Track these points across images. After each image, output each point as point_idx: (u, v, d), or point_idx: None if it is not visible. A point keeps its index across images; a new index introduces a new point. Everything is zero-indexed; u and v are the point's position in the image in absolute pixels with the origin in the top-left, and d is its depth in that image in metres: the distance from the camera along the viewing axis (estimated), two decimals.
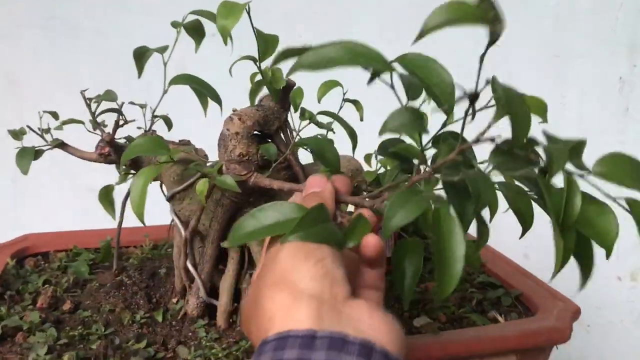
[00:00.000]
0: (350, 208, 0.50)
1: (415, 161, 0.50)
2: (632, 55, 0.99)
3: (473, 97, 0.36)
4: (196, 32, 0.64)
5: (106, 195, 0.71)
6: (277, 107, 0.62)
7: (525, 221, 0.52)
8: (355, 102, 0.67)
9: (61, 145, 0.65)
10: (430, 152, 0.48)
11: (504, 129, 0.37)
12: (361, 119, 0.67)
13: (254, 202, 0.61)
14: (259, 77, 0.62)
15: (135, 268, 0.70)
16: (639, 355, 1.11)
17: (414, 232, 0.80)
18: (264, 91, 0.64)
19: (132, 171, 0.70)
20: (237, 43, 0.55)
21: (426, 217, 0.42)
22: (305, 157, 0.64)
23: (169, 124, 0.69)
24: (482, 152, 0.43)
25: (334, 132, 0.66)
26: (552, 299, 0.70)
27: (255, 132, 0.60)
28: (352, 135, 0.63)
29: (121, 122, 0.62)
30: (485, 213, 0.44)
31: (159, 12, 1.37)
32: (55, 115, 0.65)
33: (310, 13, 1.31)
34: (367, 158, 0.68)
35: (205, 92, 0.64)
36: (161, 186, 0.68)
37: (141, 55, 0.63)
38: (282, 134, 0.63)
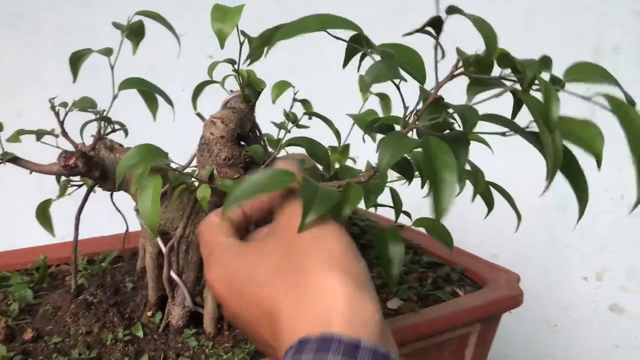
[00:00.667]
0: None
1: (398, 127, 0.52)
2: (597, 57, 1.01)
3: (437, 21, 0.40)
4: (135, 34, 0.61)
5: (43, 212, 0.66)
6: (247, 109, 0.62)
7: (489, 202, 0.58)
8: (303, 102, 0.68)
9: (13, 159, 0.58)
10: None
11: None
12: (309, 118, 0.67)
13: None
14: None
15: (97, 285, 0.66)
16: (604, 353, 1.13)
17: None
18: (221, 93, 0.63)
19: (77, 183, 0.66)
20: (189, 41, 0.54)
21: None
22: None
23: (125, 130, 0.64)
24: None
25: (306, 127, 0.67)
26: (494, 271, 0.76)
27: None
28: (337, 134, 0.67)
29: (104, 131, 0.58)
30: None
31: (123, 8, 1.35)
32: None
33: (280, 12, 1.30)
34: (345, 149, 0.71)
35: (155, 96, 0.61)
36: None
37: (77, 59, 0.60)
38: (253, 135, 0.63)
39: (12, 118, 1.44)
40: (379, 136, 0.54)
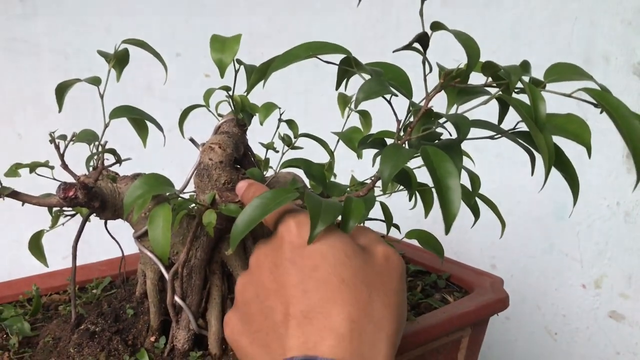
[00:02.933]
0: None
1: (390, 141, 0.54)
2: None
3: (424, 37, 0.44)
4: (120, 62, 0.61)
5: (36, 243, 0.66)
6: (240, 132, 0.64)
7: (475, 212, 0.60)
8: (289, 122, 0.70)
9: (12, 194, 0.57)
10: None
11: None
12: (295, 137, 0.70)
13: None
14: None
15: (97, 314, 0.66)
16: None
17: None
18: (209, 118, 0.65)
19: (70, 212, 0.66)
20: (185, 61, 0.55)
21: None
22: None
23: (118, 158, 0.65)
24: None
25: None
26: (479, 276, 0.80)
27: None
28: (331, 154, 0.69)
29: (107, 163, 0.59)
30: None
31: (118, 30, 1.37)
32: None
33: (273, 32, 1.32)
34: (330, 165, 0.72)
35: (145, 123, 0.62)
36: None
37: (62, 90, 0.59)
38: (246, 157, 0.65)
39: (13, 140, 1.45)
40: (370, 152, 0.56)
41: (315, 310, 0.40)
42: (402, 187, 0.62)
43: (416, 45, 0.46)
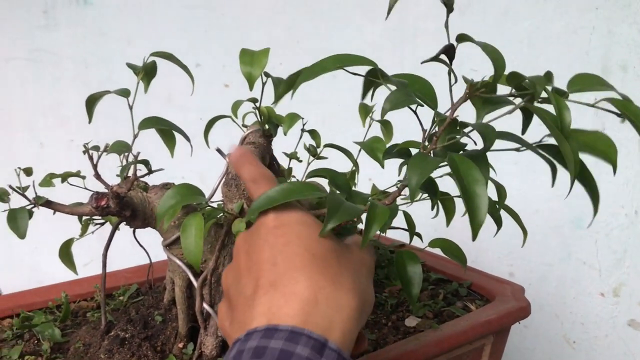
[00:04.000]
0: None
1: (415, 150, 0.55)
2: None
3: (450, 49, 0.45)
4: (148, 74, 0.63)
5: (66, 251, 0.68)
6: (266, 143, 0.65)
7: (498, 221, 0.60)
8: (312, 132, 0.72)
9: (46, 203, 0.59)
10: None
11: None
12: (318, 146, 0.72)
13: None
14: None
15: (127, 320, 0.67)
16: None
17: None
18: (236, 127, 0.66)
19: (100, 221, 0.68)
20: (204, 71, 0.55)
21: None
22: None
23: (150, 169, 0.66)
24: None
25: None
26: (499, 284, 0.80)
27: None
28: (355, 164, 0.70)
29: (140, 173, 0.60)
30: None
31: (138, 41, 1.39)
32: (28, 171, 0.60)
33: (291, 42, 1.34)
34: (352, 174, 0.73)
35: (173, 133, 0.63)
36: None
37: (92, 101, 0.61)
38: (271, 167, 0.67)
39: (35, 148, 1.48)
40: (395, 161, 0.57)
41: (283, 279, 0.40)
42: (423, 196, 0.63)
43: (442, 57, 0.47)
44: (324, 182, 0.75)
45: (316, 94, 1.28)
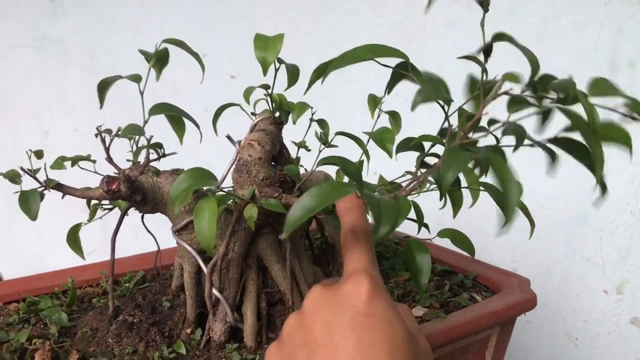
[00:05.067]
0: None
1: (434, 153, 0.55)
2: (613, 73, 1.02)
3: (488, 48, 0.46)
4: (159, 61, 0.63)
5: (74, 236, 0.68)
6: (276, 130, 0.66)
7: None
8: (320, 121, 0.71)
9: (57, 186, 0.59)
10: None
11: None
12: (326, 135, 0.71)
13: (272, 223, 0.64)
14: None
15: (134, 306, 0.67)
16: None
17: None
18: (243, 116, 0.66)
19: (108, 206, 0.68)
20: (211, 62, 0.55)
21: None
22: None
23: (162, 153, 0.65)
24: None
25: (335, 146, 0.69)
26: (505, 276, 0.80)
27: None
28: (366, 152, 0.69)
29: (153, 157, 0.59)
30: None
31: (144, 30, 1.39)
32: (39, 154, 0.60)
33: (298, 34, 1.33)
34: (360, 164, 0.72)
35: (184, 120, 0.63)
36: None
37: (104, 86, 0.60)
38: (281, 155, 0.66)
39: (40, 137, 1.48)
40: (405, 154, 0.57)
41: None
42: (430, 187, 0.63)
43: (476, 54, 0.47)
44: (331, 172, 0.75)
45: (325, 88, 1.28)
